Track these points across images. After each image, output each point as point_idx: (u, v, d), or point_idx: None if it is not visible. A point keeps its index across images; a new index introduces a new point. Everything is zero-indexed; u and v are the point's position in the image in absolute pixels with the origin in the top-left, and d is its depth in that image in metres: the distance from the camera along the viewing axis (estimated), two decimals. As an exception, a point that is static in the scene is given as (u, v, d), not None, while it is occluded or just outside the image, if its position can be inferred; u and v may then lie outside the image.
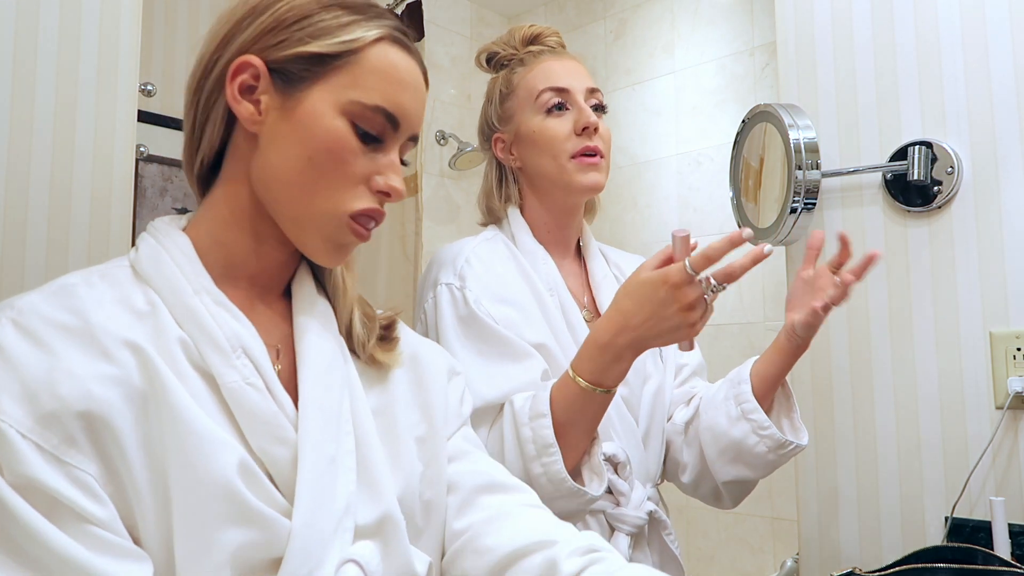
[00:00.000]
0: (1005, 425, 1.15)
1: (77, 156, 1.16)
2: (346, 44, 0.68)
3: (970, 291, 1.19)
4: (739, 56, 2.48)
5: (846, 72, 1.32)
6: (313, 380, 0.68)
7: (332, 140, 0.67)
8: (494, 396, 0.99)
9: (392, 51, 0.70)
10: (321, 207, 0.68)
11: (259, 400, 0.64)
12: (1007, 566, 0.97)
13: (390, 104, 0.69)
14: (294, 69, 0.68)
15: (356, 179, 0.69)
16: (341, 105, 0.68)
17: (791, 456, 1.08)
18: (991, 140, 1.19)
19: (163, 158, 2.14)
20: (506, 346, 1.02)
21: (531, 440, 0.95)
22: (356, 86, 0.68)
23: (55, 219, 1.14)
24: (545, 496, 0.89)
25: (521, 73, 1.15)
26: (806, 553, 1.33)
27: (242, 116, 0.68)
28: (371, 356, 0.76)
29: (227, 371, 0.63)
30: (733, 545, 2.44)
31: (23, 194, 1.11)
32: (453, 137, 2.80)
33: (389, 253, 2.29)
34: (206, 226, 0.71)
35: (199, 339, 0.64)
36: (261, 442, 0.63)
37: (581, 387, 0.93)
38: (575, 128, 1.10)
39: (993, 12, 1.19)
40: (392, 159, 0.71)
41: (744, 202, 1.41)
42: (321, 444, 0.65)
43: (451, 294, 1.05)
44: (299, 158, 0.67)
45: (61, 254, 1.14)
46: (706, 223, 2.54)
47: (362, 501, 0.67)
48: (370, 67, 0.69)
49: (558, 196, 1.14)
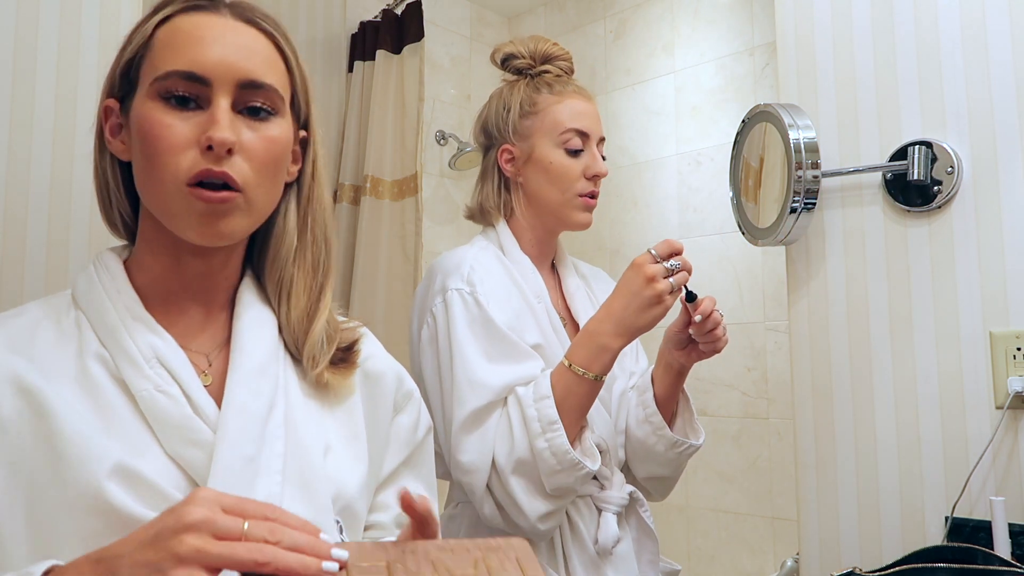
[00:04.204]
0: (1005, 425, 1.15)
1: (77, 156, 1.16)
2: (140, 38, 0.71)
3: (970, 291, 1.19)
4: (739, 56, 2.48)
5: (846, 72, 1.32)
6: (238, 384, 0.70)
7: (148, 124, 0.68)
8: (501, 390, 1.09)
9: (182, 19, 0.71)
10: (164, 188, 0.69)
11: (169, 405, 0.66)
12: (1007, 566, 0.97)
13: (184, 63, 0.68)
14: (123, 87, 0.72)
15: (181, 146, 0.68)
16: (147, 91, 0.70)
17: (690, 454, 1.23)
18: (991, 140, 1.19)
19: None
20: (513, 347, 1.11)
21: (536, 419, 1.05)
22: (152, 68, 0.70)
23: (55, 219, 1.14)
24: (548, 469, 1.04)
25: (548, 100, 1.21)
26: (806, 553, 1.33)
27: (116, 152, 0.73)
28: (319, 376, 0.76)
29: (139, 380, 0.67)
30: (733, 545, 2.44)
31: (23, 194, 1.11)
32: (453, 137, 2.80)
33: (389, 253, 2.29)
34: (136, 256, 0.76)
35: (116, 353, 0.68)
36: (175, 446, 0.65)
37: (575, 372, 1.06)
38: (585, 173, 1.21)
39: (993, 12, 1.19)
40: (213, 113, 0.68)
41: (744, 202, 1.41)
42: (238, 444, 0.66)
43: (462, 299, 1.12)
44: (140, 156, 0.70)
45: (61, 254, 1.15)
46: (706, 223, 2.54)
47: (290, 502, 0.68)
48: (160, 45, 0.70)
49: (550, 221, 1.24)
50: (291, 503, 0.67)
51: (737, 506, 2.44)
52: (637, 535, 1.23)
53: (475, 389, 1.08)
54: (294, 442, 0.70)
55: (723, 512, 2.47)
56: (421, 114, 2.31)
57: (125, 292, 0.71)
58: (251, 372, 0.71)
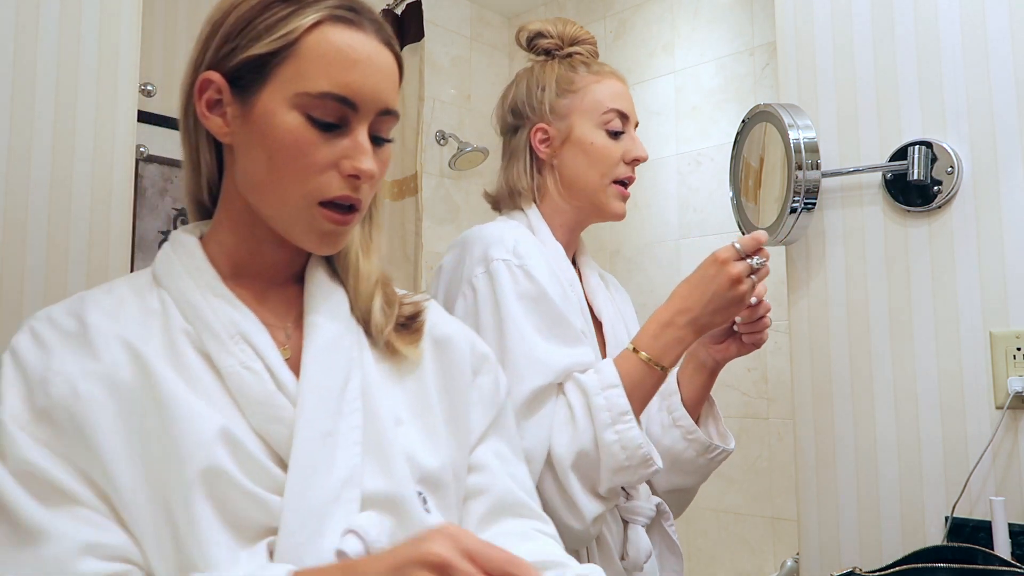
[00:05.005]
0: (1005, 425, 1.15)
1: (77, 156, 1.16)
2: (283, 38, 0.69)
3: (970, 291, 1.19)
4: (739, 56, 2.48)
5: (846, 72, 1.32)
6: (313, 360, 0.71)
7: (287, 137, 0.68)
8: (560, 372, 1.00)
9: (334, 32, 0.69)
10: (291, 202, 0.70)
11: (254, 382, 0.68)
12: (1007, 566, 0.97)
13: (338, 87, 0.68)
14: (245, 75, 0.70)
15: (320, 168, 0.69)
16: (289, 100, 0.68)
17: (719, 461, 1.16)
18: (991, 140, 1.19)
19: (163, 158, 2.14)
20: (568, 328, 1.03)
21: (605, 408, 0.97)
22: (300, 77, 0.68)
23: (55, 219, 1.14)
24: (614, 465, 0.96)
25: (587, 79, 1.15)
26: (806, 553, 1.33)
27: (212, 130, 0.72)
28: (388, 343, 0.77)
29: (224, 357, 0.68)
30: (733, 545, 2.44)
31: (23, 194, 1.11)
32: (453, 137, 2.80)
33: (389, 253, 2.29)
34: (214, 234, 0.77)
35: (201, 330, 0.69)
36: (260, 422, 0.67)
37: (643, 361, 1.00)
38: (624, 156, 1.15)
39: (993, 12, 1.19)
40: (358, 141, 0.70)
41: (744, 202, 1.41)
42: (316, 419, 0.68)
43: (510, 270, 1.03)
44: (262, 160, 0.70)
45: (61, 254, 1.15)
46: (706, 223, 2.54)
47: (371, 474, 0.69)
48: (310, 54, 0.68)
49: (584, 208, 1.17)
50: (371, 475, 0.69)
51: (737, 506, 2.44)
52: (660, 550, 1.16)
53: (534, 366, 0.98)
54: (371, 414, 0.72)
55: (723, 512, 2.47)
56: (421, 114, 2.31)
57: (205, 270, 0.73)
58: (325, 347, 0.72)
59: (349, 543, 0.65)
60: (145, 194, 2.11)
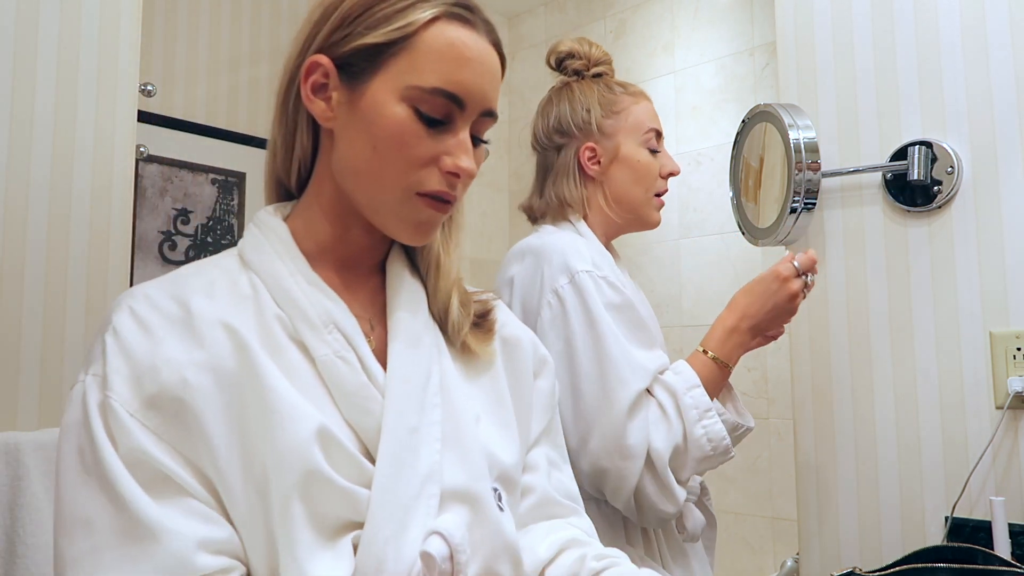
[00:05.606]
0: (1005, 425, 1.15)
1: (77, 156, 1.16)
2: (400, 30, 0.69)
3: (970, 291, 1.19)
4: (739, 56, 2.48)
5: (846, 72, 1.32)
6: (400, 354, 0.71)
7: (394, 127, 0.68)
8: (653, 374, 1.09)
9: (449, 28, 0.69)
10: (390, 191, 0.70)
11: (348, 373, 0.68)
12: (1007, 566, 0.97)
13: (450, 84, 0.69)
14: (356, 62, 0.70)
15: (422, 162, 0.70)
16: (400, 91, 0.68)
17: (741, 438, 1.22)
18: (991, 140, 1.19)
19: (163, 158, 2.14)
20: (650, 335, 1.14)
21: (693, 406, 1.08)
22: (413, 70, 0.68)
23: (55, 219, 1.14)
24: (700, 455, 1.07)
25: (627, 100, 1.27)
26: (806, 553, 1.33)
27: (315, 113, 0.72)
28: (464, 343, 0.78)
29: (319, 345, 0.68)
30: (733, 545, 2.44)
31: (23, 194, 1.11)
32: (453, 137, 2.79)
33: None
34: (301, 216, 0.76)
35: (294, 316, 0.68)
36: (351, 412, 0.67)
37: (713, 361, 1.12)
38: (661, 171, 1.27)
39: (993, 12, 1.19)
40: (461, 139, 0.71)
41: (744, 202, 1.41)
42: (403, 414, 0.68)
43: (594, 281, 1.11)
44: (365, 148, 0.70)
45: (61, 254, 1.15)
46: (706, 223, 2.54)
47: (450, 469, 0.69)
48: (426, 49, 0.68)
49: (627, 219, 1.27)
50: (451, 470, 0.69)
51: (737, 506, 2.44)
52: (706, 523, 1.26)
53: (637, 372, 1.06)
54: (450, 410, 0.72)
55: (723, 512, 2.47)
56: (421, 114, 2.31)
57: (296, 255, 0.72)
58: (409, 341, 0.73)
59: (434, 544, 0.64)
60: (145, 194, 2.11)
